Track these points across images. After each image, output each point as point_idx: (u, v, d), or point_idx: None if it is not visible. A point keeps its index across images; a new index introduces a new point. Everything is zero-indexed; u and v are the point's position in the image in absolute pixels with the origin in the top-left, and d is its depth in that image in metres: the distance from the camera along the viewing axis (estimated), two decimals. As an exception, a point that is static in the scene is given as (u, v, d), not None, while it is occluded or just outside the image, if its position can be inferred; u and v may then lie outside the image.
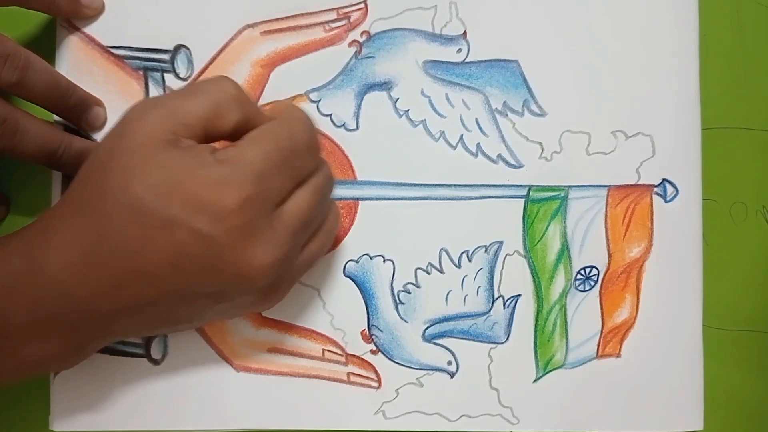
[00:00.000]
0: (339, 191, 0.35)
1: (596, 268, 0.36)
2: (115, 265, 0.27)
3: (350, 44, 0.36)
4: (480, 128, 0.36)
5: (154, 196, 0.26)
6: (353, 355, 0.36)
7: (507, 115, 0.36)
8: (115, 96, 0.35)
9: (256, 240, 0.27)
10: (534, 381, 0.36)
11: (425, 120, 0.36)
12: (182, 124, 0.27)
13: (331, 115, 0.36)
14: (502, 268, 0.36)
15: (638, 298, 0.36)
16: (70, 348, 0.29)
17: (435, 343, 0.36)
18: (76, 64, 0.35)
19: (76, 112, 0.34)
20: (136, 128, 0.27)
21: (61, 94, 0.33)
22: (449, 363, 0.36)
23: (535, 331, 0.36)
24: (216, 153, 0.27)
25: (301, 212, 0.29)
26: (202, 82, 0.29)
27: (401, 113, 0.36)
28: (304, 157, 0.29)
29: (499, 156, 0.36)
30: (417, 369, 0.36)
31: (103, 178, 0.27)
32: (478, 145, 0.36)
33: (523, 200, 0.36)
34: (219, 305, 0.29)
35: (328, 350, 0.35)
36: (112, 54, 0.35)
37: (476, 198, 0.36)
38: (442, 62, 0.36)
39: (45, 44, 0.35)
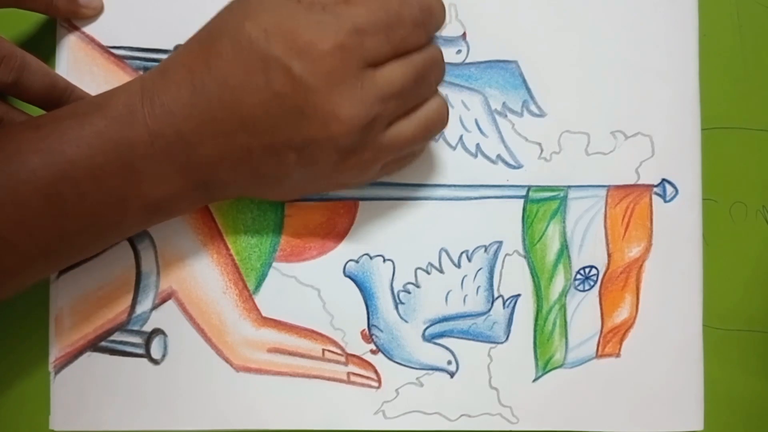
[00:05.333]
0: (338, 192, 0.36)
1: (596, 268, 0.36)
2: (216, 100, 0.28)
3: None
4: (479, 129, 0.36)
5: (261, 33, 0.28)
6: (353, 355, 0.36)
7: (506, 115, 0.36)
8: (115, 96, 0.35)
9: (342, 90, 0.28)
10: (534, 380, 0.36)
11: (425, 120, 0.36)
12: None
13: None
14: (502, 268, 0.36)
15: (638, 298, 0.36)
16: (189, 188, 0.30)
17: (435, 343, 0.36)
18: (75, 63, 0.35)
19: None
20: None
21: (59, 94, 0.33)
22: (449, 363, 0.36)
23: (535, 331, 0.36)
24: (327, 6, 0.29)
25: (391, 80, 0.29)
26: None
27: (401, 113, 0.36)
28: (408, 29, 0.29)
29: (499, 156, 0.36)
30: (417, 369, 0.36)
31: (224, 21, 0.29)
32: (477, 145, 0.36)
33: (522, 200, 0.36)
34: (305, 169, 0.30)
35: (328, 350, 0.35)
36: (112, 54, 0.35)
37: (476, 198, 0.36)
38: (442, 62, 0.36)
39: (45, 44, 0.35)
